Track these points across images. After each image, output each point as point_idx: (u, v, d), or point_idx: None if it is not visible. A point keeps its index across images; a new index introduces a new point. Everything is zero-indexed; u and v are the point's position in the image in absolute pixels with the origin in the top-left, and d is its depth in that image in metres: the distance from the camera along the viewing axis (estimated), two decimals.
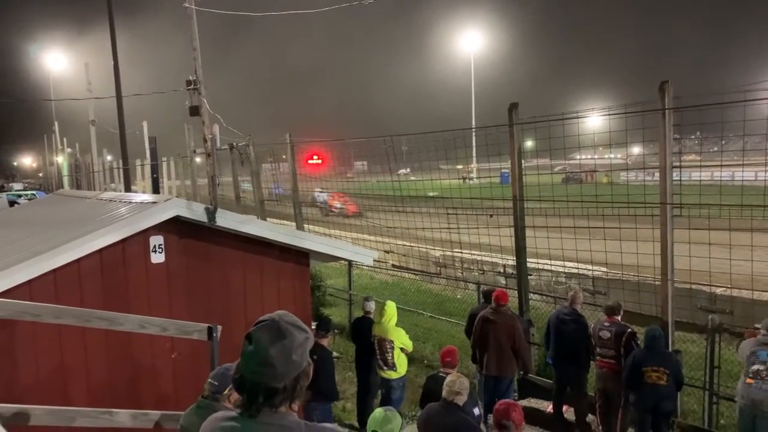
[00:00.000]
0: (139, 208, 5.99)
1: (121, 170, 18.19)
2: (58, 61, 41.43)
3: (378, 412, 3.66)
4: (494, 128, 9.39)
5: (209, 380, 3.58)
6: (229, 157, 13.91)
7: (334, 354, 8.50)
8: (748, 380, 5.53)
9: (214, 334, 4.28)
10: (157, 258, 5.70)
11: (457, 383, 4.31)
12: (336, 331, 9.65)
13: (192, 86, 6.32)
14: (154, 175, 19.53)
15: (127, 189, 17.64)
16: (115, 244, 5.38)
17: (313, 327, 6.54)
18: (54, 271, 5.03)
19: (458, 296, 13.12)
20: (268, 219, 12.84)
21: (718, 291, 9.43)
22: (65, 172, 29.80)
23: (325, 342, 6.41)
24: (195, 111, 6.33)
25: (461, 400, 4.26)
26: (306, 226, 12.53)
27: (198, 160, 19.32)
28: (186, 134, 18.84)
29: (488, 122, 10.17)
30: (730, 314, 8.47)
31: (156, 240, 5.68)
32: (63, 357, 5.20)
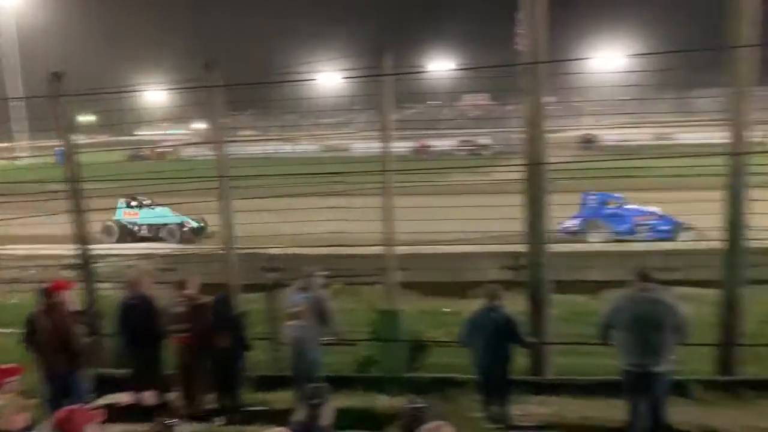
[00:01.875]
0: None
1: None
2: None
3: None
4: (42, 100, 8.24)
5: None
6: None
7: None
8: (289, 322, 6.47)
9: None
10: None
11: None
12: None
13: None
14: None
15: None
16: None
17: None
18: None
19: (14, 301, 11.25)
20: None
21: (274, 251, 10.71)
22: None
23: None
24: None
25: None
26: None
27: None
28: None
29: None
30: (285, 270, 9.71)
31: None
32: None
